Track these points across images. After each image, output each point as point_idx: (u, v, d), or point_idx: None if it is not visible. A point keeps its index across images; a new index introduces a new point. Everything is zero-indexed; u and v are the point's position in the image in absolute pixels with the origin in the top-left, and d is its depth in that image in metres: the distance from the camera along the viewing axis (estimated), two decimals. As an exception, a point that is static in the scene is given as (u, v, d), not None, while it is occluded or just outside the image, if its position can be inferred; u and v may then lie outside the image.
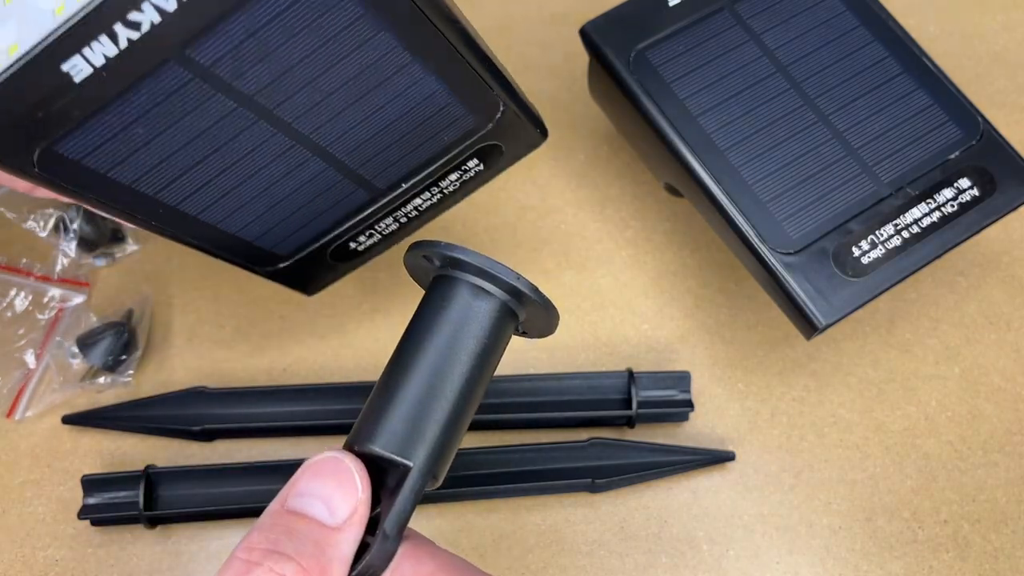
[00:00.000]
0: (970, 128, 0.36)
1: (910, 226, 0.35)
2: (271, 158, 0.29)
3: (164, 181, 0.28)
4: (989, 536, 0.36)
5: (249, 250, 0.33)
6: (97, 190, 0.27)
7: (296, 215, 0.32)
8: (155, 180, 0.28)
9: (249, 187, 0.30)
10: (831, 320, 0.33)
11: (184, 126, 0.26)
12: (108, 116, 0.25)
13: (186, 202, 0.29)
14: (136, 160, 0.27)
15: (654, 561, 0.36)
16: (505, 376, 0.38)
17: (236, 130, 0.27)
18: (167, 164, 0.27)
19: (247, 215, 0.31)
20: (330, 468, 0.23)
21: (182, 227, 0.30)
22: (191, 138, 0.27)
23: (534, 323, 0.28)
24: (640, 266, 0.42)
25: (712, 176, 0.35)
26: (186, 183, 0.28)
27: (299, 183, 0.31)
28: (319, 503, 0.23)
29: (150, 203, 0.29)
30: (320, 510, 0.22)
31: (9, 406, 0.39)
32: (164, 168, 0.27)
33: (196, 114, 0.26)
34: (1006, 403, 0.39)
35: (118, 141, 0.26)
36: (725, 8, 0.38)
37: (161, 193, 0.28)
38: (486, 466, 0.36)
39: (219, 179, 0.29)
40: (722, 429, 0.39)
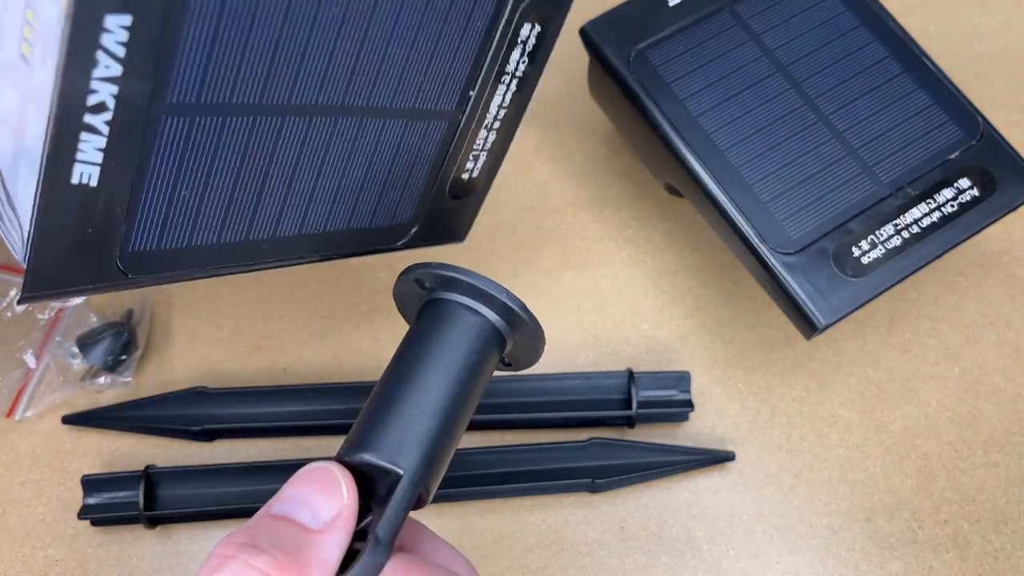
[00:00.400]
0: (970, 128, 0.36)
1: (910, 226, 0.35)
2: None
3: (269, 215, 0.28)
4: (989, 536, 0.36)
5: (372, 235, 0.32)
6: (184, 266, 0.27)
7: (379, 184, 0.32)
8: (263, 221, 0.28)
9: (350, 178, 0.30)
10: (831, 320, 0.33)
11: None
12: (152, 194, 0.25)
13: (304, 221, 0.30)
14: (227, 212, 0.27)
15: (654, 561, 0.36)
16: (505, 376, 0.38)
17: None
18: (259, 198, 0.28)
19: (358, 206, 0.32)
20: (316, 476, 0.23)
21: (301, 248, 0.30)
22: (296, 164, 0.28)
23: (522, 348, 0.28)
24: (640, 266, 0.42)
25: (712, 176, 0.35)
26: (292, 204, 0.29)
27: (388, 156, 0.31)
28: (303, 508, 0.23)
29: (256, 247, 0.29)
30: (303, 514, 0.23)
31: (9, 406, 0.39)
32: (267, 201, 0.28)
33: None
34: (1006, 403, 0.39)
35: (181, 211, 0.26)
36: (725, 8, 0.38)
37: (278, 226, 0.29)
38: (486, 466, 0.36)
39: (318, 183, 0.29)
40: (722, 429, 0.39)
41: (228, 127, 0.25)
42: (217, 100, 0.24)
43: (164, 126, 0.24)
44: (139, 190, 0.24)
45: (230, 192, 0.27)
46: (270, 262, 0.30)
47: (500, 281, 0.41)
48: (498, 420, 0.38)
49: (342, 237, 0.31)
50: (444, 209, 0.34)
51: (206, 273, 0.28)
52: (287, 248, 0.30)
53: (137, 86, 0.22)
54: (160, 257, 0.26)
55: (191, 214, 0.26)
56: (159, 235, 0.26)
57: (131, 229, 0.25)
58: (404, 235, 0.33)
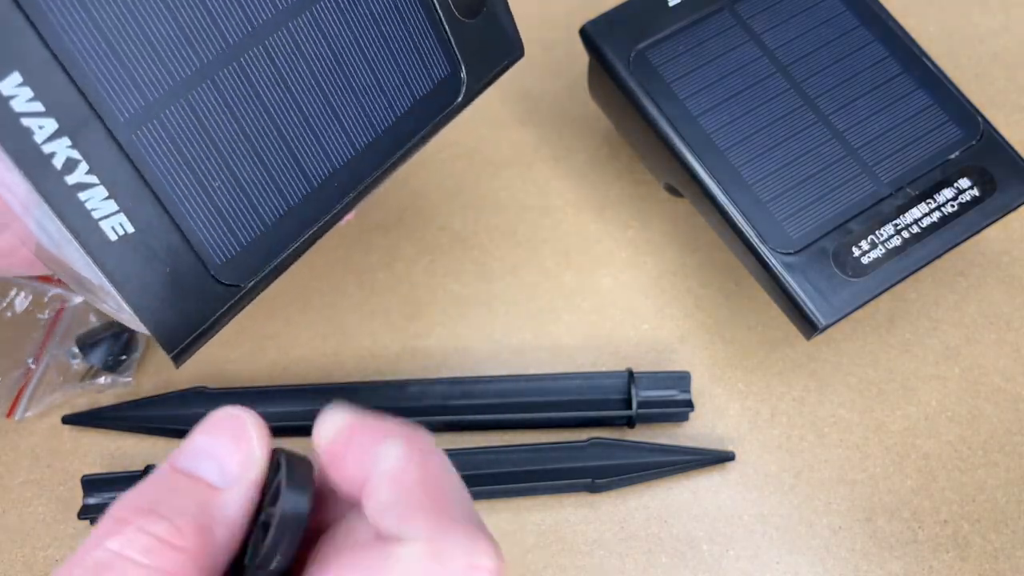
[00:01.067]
0: (970, 128, 0.36)
1: (910, 226, 0.35)
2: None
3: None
4: (989, 536, 0.36)
5: (426, 107, 0.31)
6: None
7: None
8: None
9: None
10: (831, 320, 0.33)
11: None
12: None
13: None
14: None
15: (654, 561, 0.36)
16: (505, 376, 0.38)
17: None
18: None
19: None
20: (226, 424, 0.21)
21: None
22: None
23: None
24: (640, 266, 0.42)
25: (712, 176, 0.35)
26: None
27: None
28: (210, 462, 0.21)
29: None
30: (210, 469, 0.21)
31: (9, 406, 0.39)
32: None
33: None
34: (1006, 403, 0.39)
35: (228, 200, 0.26)
36: (725, 8, 0.38)
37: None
38: (486, 466, 0.36)
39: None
40: (722, 429, 0.39)
41: (197, 102, 0.24)
42: (163, 89, 0.23)
43: (141, 142, 0.23)
44: (173, 206, 0.24)
45: (255, 154, 0.26)
46: (358, 191, 0.28)
47: (500, 281, 0.42)
48: (498, 420, 0.38)
49: (398, 128, 0.29)
50: (475, 36, 0.31)
51: (308, 239, 0.27)
52: (357, 172, 0.28)
53: (83, 127, 0.22)
54: (251, 252, 0.26)
55: (238, 197, 0.25)
56: (231, 233, 0.25)
57: (202, 244, 0.24)
58: (458, 86, 0.31)
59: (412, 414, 0.38)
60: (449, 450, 0.37)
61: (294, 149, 0.27)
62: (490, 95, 0.46)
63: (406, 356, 0.40)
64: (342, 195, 0.28)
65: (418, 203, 0.44)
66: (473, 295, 0.41)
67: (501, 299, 0.41)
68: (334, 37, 0.27)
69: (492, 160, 0.45)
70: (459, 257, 0.42)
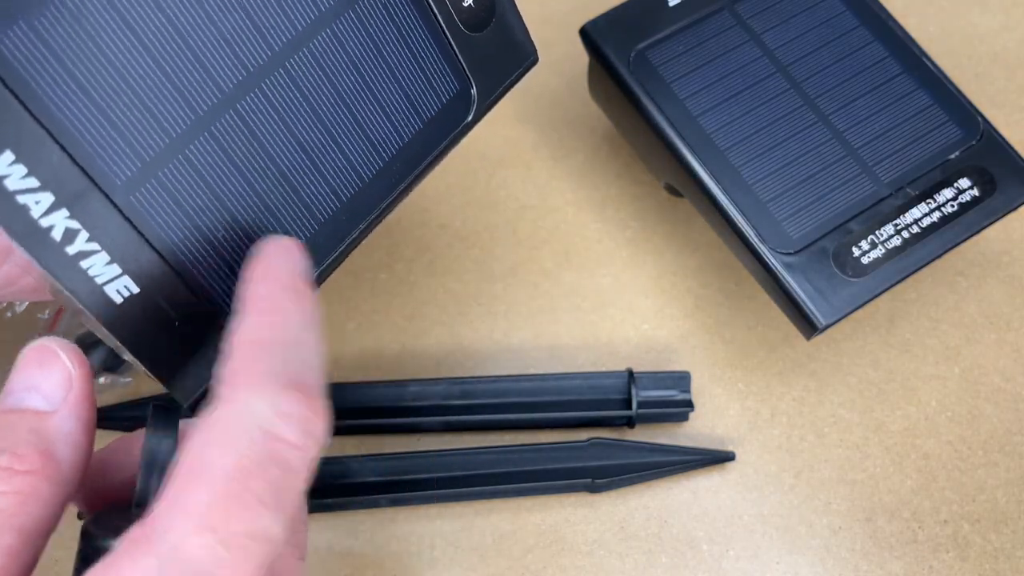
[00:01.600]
0: (970, 128, 0.36)
1: (910, 226, 0.35)
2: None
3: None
4: (989, 536, 0.36)
5: (436, 128, 0.30)
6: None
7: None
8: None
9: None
10: (831, 320, 0.33)
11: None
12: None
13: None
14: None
15: (654, 561, 0.36)
16: (505, 376, 0.38)
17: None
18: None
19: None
20: (35, 356, 0.23)
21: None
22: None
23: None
24: (640, 266, 0.42)
25: (712, 176, 0.35)
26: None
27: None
28: (31, 392, 0.22)
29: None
30: (33, 399, 0.22)
31: (9, 406, 0.38)
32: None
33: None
34: (1006, 403, 0.39)
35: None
36: (725, 8, 0.38)
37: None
38: (486, 466, 0.36)
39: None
40: (722, 429, 0.39)
41: (195, 155, 0.23)
42: (159, 147, 0.23)
43: (140, 202, 0.22)
44: (178, 261, 0.23)
45: (259, 200, 0.25)
46: (367, 222, 0.28)
47: (500, 281, 0.42)
48: (498, 420, 0.38)
49: (406, 153, 0.29)
50: (484, 50, 0.30)
51: (318, 276, 0.27)
52: (365, 203, 0.28)
53: (80, 197, 0.21)
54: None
55: (243, 245, 0.25)
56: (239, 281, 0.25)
57: (211, 296, 0.24)
58: (469, 103, 0.30)
59: (412, 414, 0.38)
60: (449, 450, 0.37)
61: (299, 190, 0.26)
62: (490, 95, 0.46)
63: (406, 356, 0.40)
64: (350, 229, 0.28)
65: (418, 203, 0.44)
66: (473, 295, 0.41)
67: (501, 299, 0.41)
68: (335, 72, 0.26)
69: (492, 159, 0.45)
70: (459, 257, 0.42)
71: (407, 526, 0.36)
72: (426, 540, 0.36)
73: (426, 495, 0.36)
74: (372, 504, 0.36)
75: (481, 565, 0.36)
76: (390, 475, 0.36)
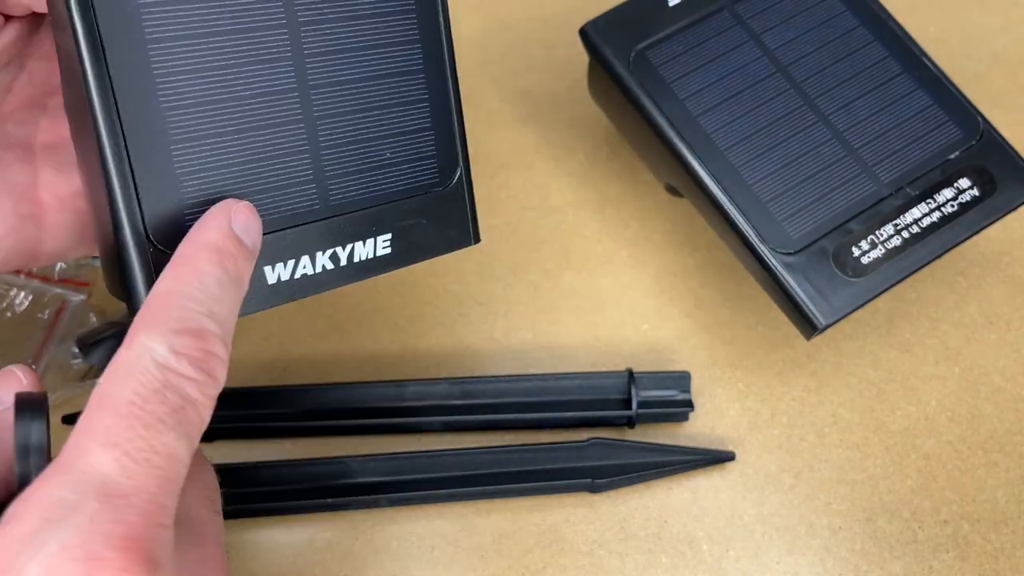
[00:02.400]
0: (970, 128, 0.36)
1: (910, 226, 0.35)
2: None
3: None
4: (989, 536, 0.36)
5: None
6: None
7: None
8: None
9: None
10: (831, 320, 0.33)
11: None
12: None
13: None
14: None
15: (654, 561, 0.36)
16: (505, 376, 0.38)
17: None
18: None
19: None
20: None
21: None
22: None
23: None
24: (640, 266, 0.42)
25: (712, 176, 0.35)
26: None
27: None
28: None
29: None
30: None
31: (9, 406, 0.38)
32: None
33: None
34: (1006, 403, 0.39)
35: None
36: (725, 8, 0.38)
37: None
38: (486, 466, 0.36)
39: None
40: (722, 429, 0.39)
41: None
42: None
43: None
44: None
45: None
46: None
47: (500, 281, 0.42)
48: (498, 420, 0.38)
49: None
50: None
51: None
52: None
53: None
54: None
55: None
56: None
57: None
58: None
59: (412, 414, 0.38)
60: (449, 450, 0.37)
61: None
62: (490, 95, 0.46)
63: (406, 356, 0.40)
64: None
65: (418, 203, 0.44)
66: (473, 295, 0.41)
67: (501, 299, 0.41)
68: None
69: (492, 160, 0.45)
70: (459, 257, 0.42)
71: (407, 526, 0.36)
72: (426, 540, 0.36)
73: (426, 495, 0.36)
74: (372, 504, 0.36)
75: (481, 565, 0.36)
76: (390, 475, 0.36)
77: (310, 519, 0.36)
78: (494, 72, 0.47)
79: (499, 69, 0.47)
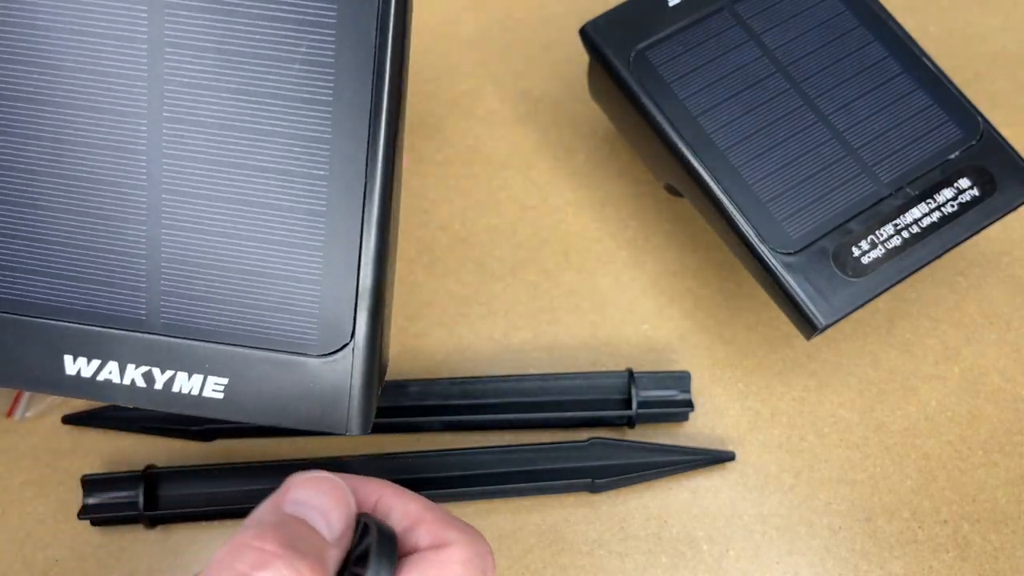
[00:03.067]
0: (970, 128, 0.36)
1: (910, 226, 0.35)
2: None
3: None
4: (989, 536, 0.36)
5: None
6: None
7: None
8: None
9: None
10: (831, 320, 0.33)
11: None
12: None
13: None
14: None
15: (654, 561, 0.36)
16: (505, 376, 0.38)
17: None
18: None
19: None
20: (327, 486, 0.23)
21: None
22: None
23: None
24: (640, 266, 0.42)
25: (712, 176, 0.35)
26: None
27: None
28: (317, 515, 0.23)
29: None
30: (319, 521, 0.22)
31: (9, 406, 0.39)
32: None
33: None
34: (1006, 403, 0.39)
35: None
36: (725, 8, 0.38)
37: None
38: (486, 466, 0.36)
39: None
40: (722, 429, 0.39)
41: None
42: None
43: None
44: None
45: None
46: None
47: (500, 281, 0.42)
48: (498, 420, 0.38)
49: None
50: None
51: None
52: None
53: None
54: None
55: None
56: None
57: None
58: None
59: (412, 414, 0.38)
60: (449, 450, 0.37)
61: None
62: (490, 95, 0.46)
63: (406, 356, 0.40)
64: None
65: (419, 204, 0.44)
66: (473, 295, 0.41)
67: (501, 299, 0.41)
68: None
69: (492, 160, 0.45)
70: (459, 257, 0.42)
71: (407, 526, 0.36)
72: (426, 540, 0.36)
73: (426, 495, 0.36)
74: (372, 504, 0.36)
75: (481, 565, 0.36)
76: (390, 475, 0.36)
77: (310, 519, 0.36)
78: (494, 72, 0.47)
79: (499, 69, 0.47)
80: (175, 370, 0.24)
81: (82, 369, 0.24)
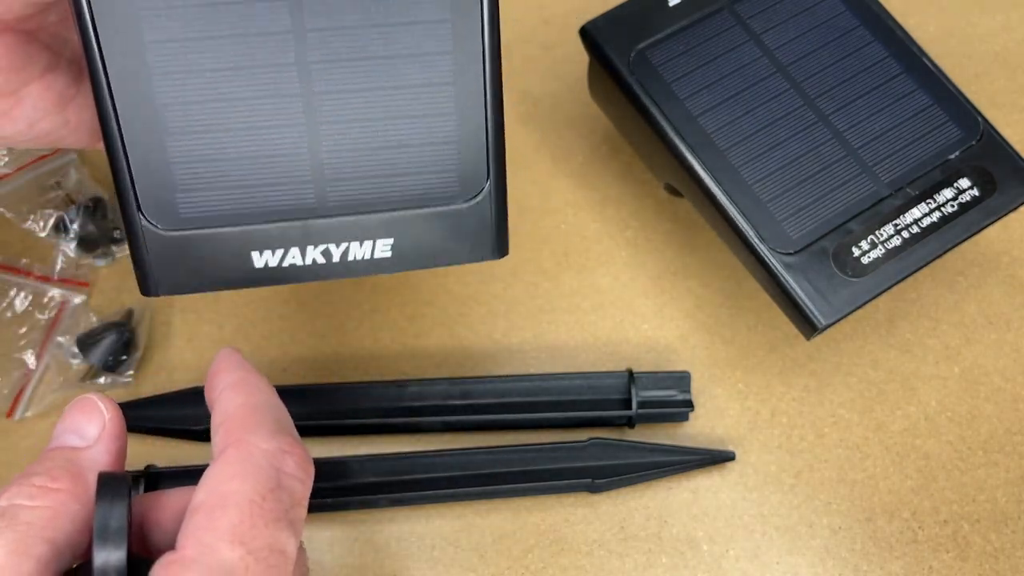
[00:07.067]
0: (970, 128, 0.36)
1: (910, 226, 0.35)
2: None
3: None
4: (989, 536, 0.36)
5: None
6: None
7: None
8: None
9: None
10: (831, 320, 0.33)
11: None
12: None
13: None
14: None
15: (654, 561, 0.36)
16: (505, 376, 0.38)
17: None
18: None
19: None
20: (77, 406, 0.26)
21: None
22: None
23: None
24: (640, 266, 0.42)
25: (712, 176, 0.35)
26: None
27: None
28: (71, 434, 0.26)
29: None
30: (71, 438, 0.25)
31: (9, 406, 0.39)
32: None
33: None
34: (1006, 403, 0.39)
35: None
36: (725, 8, 0.38)
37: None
38: (486, 466, 0.36)
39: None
40: (722, 429, 0.39)
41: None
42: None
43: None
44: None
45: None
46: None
47: (500, 281, 0.42)
48: (498, 420, 0.38)
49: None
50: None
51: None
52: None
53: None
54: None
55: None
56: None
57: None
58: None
59: (412, 414, 0.38)
60: (449, 450, 0.37)
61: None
62: (490, 95, 0.46)
63: (406, 356, 0.40)
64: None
65: (418, 203, 0.44)
66: (473, 295, 0.41)
67: (501, 299, 0.41)
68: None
69: (492, 160, 0.45)
70: (459, 257, 0.42)
71: (407, 526, 0.36)
72: (426, 540, 0.36)
73: (426, 495, 0.36)
74: (372, 504, 0.36)
75: (481, 565, 0.36)
76: (390, 475, 0.36)
77: (310, 519, 0.36)
78: (494, 72, 0.47)
79: (499, 69, 0.47)
80: (348, 242, 0.28)
81: (268, 261, 0.28)
